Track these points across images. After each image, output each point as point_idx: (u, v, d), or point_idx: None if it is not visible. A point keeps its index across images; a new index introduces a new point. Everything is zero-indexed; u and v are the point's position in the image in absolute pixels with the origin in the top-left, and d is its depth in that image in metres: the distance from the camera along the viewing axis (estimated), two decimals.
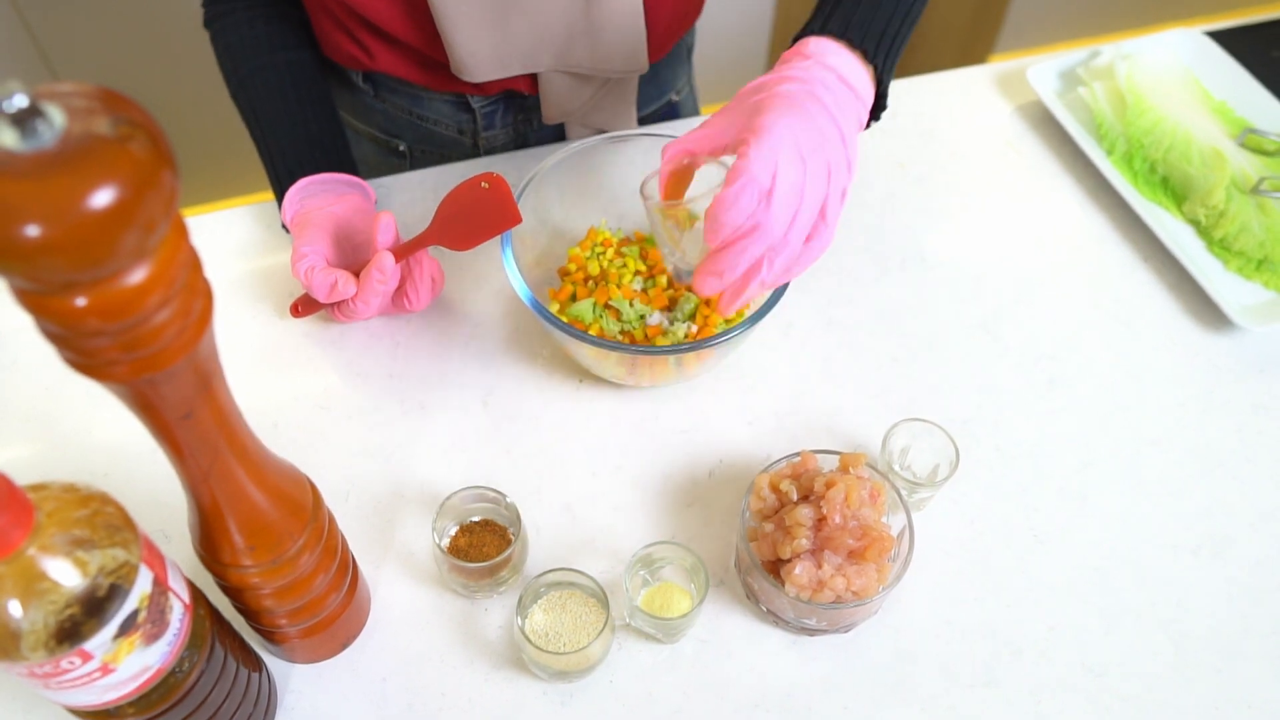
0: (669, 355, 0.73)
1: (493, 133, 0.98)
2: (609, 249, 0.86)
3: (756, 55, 2.19)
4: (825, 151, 0.61)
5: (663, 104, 1.06)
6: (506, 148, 1.00)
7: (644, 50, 0.88)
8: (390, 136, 1.01)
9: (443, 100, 0.95)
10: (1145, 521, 0.76)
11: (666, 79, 1.04)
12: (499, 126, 0.98)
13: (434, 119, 0.97)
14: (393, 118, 0.99)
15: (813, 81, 0.63)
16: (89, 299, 0.36)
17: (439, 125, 0.98)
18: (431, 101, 0.96)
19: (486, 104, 0.95)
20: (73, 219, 0.33)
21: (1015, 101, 1.06)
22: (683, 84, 1.08)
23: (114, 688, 0.50)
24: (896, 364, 0.84)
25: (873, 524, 0.66)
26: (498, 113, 0.96)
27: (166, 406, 0.45)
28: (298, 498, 0.57)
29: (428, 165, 1.02)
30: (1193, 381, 0.84)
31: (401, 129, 1.00)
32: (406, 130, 1.00)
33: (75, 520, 0.45)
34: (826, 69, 0.64)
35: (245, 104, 0.85)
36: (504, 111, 0.97)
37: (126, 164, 0.34)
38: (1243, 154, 0.96)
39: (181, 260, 0.39)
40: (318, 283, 0.76)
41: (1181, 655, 0.70)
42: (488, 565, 0.67)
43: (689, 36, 1.06)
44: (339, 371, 0.83)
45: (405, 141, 1.01)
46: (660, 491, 0.76)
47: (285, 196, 0.81)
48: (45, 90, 0.34)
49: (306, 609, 0.61)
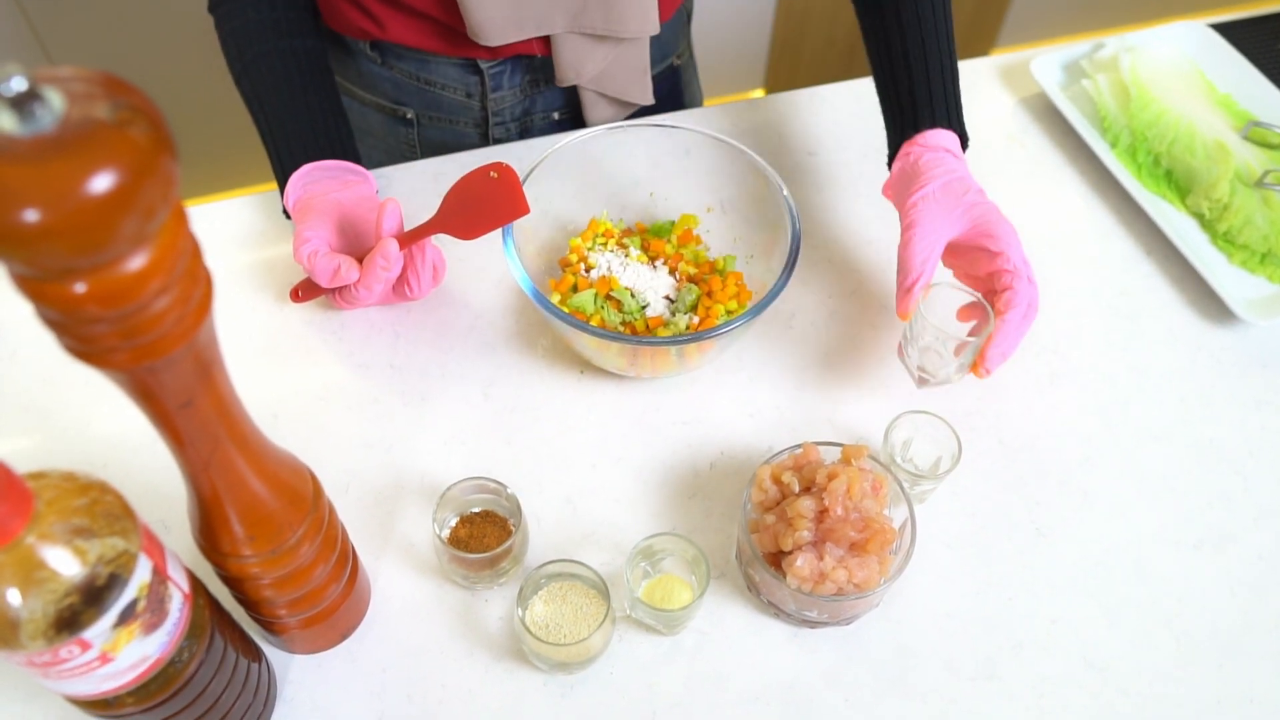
0: (670, 346, 0.73)
1: (500, 94, 0.98)
2: (610, 239, 0.86)
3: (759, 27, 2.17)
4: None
5: (665, 67, 1.07)
6: (514, 110, 1.01)
7: (655, 10, 0.89)
8: (397, 104, 1.01)
9: (451, 64, 0.96)
10: (1147, 516, 0.76)
11: (669, 41, 1.05)
12: (507, 88, 0.98)
13: (442, 83, 0.98)
14: (400, 85, 0.99)
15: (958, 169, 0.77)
16: (88, 285, 0.36)
17: (447, 90, 0.98)
18: (440, 66, 0.96)
19: (495, 66, 0.96)
20: (72, 204, 0.32)
21: (1019, 94, 1.06)
22: (683, 48, 1.10)
23: (113, 677, 0.49)
24: (899, 356, 0.84)
25: (875, 516, 0.66)
26: (505, 74, 0.97)
27: (166, 394, 0.44)
28: (298, 488, 0.57)
29: (435, 132, 1.02)
30: (1195, 376, 0.84)
31: (409, 96, 1.00)
32: (414, 97, 1.00)
33: (74, 509, 0.45)
34: (953, 156, 0.78)
35: (249, 89, 0.85)
36: (512, 73, 0.97)
37: (126, 149, 0.33)
38: (1247, 147, 0.95)
39: (181, 247, 0.39)
40: (320, 267, 0.75)
41: (1183, 650, 0.70)
42: (488, 556, 0.67)
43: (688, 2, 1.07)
44: (340, 362, 0.83)
45: (412, 109, 1.01)
46: (661, 483, 0.76)
47: (288, 182, 0.80)
48: (44, 74, 0.33)
49: (306, 599, 0.61)
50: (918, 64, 0.81)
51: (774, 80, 2.27)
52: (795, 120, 1.02)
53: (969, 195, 0.75)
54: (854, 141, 0.99)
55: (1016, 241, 0.74)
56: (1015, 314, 0.72)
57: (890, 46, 0.83)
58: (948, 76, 0.82)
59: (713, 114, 1.03)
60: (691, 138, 0.84)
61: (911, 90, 0.81)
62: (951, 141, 0.79)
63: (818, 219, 0.93)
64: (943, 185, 0.75)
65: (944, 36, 0.82)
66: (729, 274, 0.84)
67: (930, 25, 0.82)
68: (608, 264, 0.83)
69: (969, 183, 0.76)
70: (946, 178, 0.76)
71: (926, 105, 0.80)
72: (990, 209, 0.75)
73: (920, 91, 0.80)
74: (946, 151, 0.78)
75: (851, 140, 0.99)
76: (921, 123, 0.79)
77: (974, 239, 0.74)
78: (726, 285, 0.82)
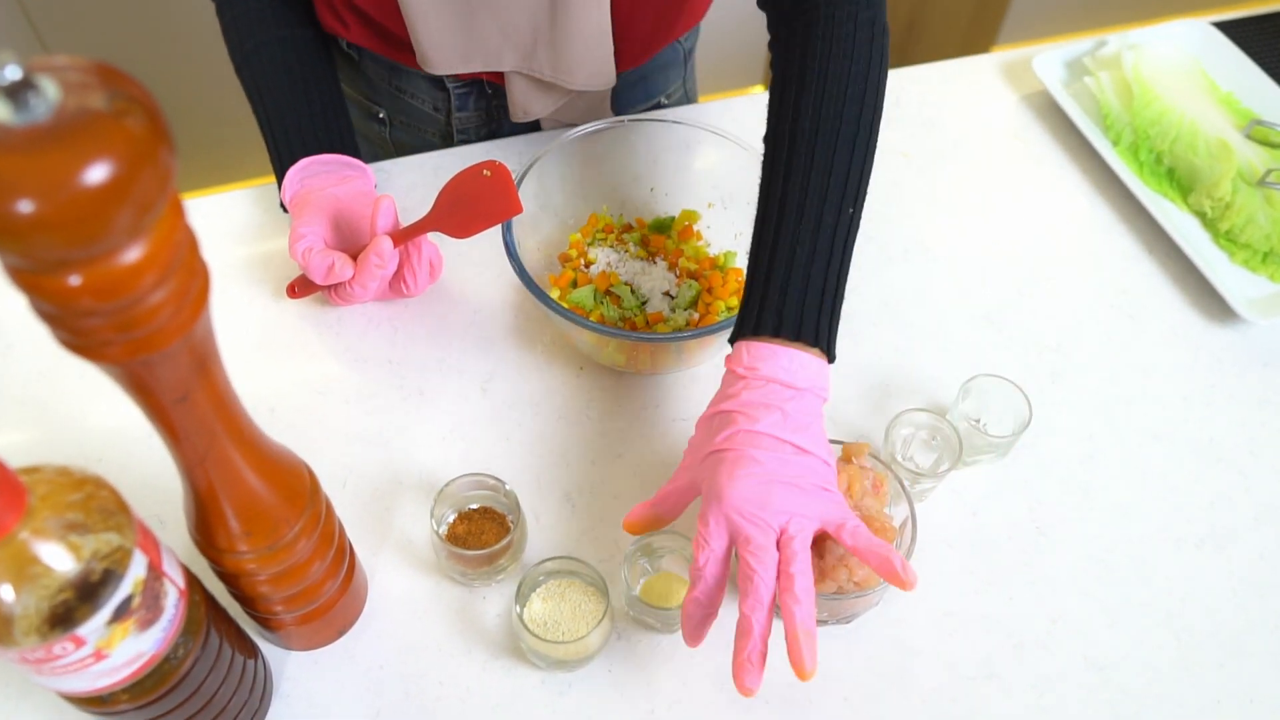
0: (670, 342, 0.73)
1: (465, 114, 0.97)
2: (610, 235, 0.85)
3: (760, 22, 2.17)
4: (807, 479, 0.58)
5: (650, 106, 1.04)
6: (479, 130, 1.00)
7: (611, 67, 0.86)
8: (371, 103, 1.01)
9: (420, 76, 0.95)
10: (1148, 515, 0.76)
11: (656, 83, 1.02)
12: (471, 109, 0.97)
13: (412, 92, 0.97)
14: (375, 85, 0.98)
15: (760, 413, 0.58)
16: (83, 278, 0.35)
17: (416, 99, 0.97)
18: (411, 76, 0.95)
19: (460, 87, 0.95)
20: (66, 195, 0.32)
21: (1021, 91, 1.05)
22: (675, 88, 1.06)
23: (107, 674, 0.49)
24: (899, 354, 0.84)
25: (875, 514, 0.65)
26: (471, 96, 0.96)
27: (162, 389, 0.44)
28: (294, 483, 0.57)
29: (405, 135, 1.01)
30: (1196, 374, 0.84)
31: (382, 97, 0.99)
32: (386, 99, 0.99)
33: (69, 504, 0.44)
34: (772, 384, 0.59)
35: (249, 79, 0.84)
36: (478, 96, 0.96)
37: (122, 139, 0.33)
38: (1249, 145, 0.95)
39: (178, 240, 0.39)
40: (315, 264, 0.75)
41: (1184, 649, 0.69)
42: (486, 553, 0.66)
43: (687, 40, 1.03)
44: (337, 357, 0.82)
45: (384, 109, 1.00)
46: (661, 480, 0.76)
47: (285, 176, 0.80)
48: (39, 63, 0.33)
49: (303, 596, 0.61)
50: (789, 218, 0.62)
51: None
52: None
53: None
54: None
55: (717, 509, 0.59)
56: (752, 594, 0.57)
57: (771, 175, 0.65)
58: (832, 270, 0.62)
59: (714, 109, 1.02)
60: (692, 133, 0.83)
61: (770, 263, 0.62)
62: (796, 366, 0.60)
63: None
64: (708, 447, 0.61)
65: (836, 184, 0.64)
66: (729, 270, 0.83)
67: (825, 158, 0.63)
68: (607, 259, 0.82)
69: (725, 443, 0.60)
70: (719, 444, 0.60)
71: (770, 298, 0.61)
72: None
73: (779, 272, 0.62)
74: (741, 380, 0.60)
75: None
76: (756, 324, 0.61)
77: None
78: (727, 281, 0.82)
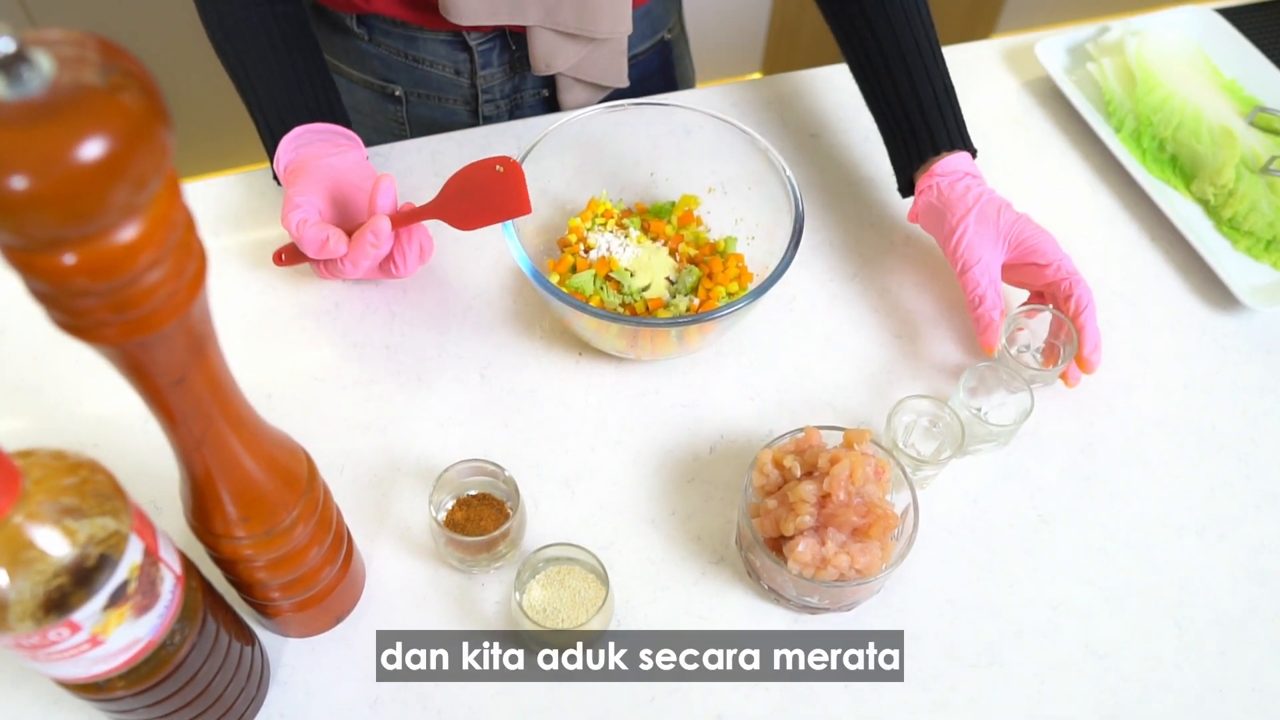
0: (670, 328, 0.72)
1: (490, 71, 0.97)
2: (610, 220, 0.85)
3: (757, 8, 2.16)
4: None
5: (655, 41, 1.05)
6: (503, 88, 0.99)
7: (628, 12, 0.88)
8: (386, 82, 0.99)
9: (439, 40, 0.94)
10: (1149, 502, 0.75)
11: (659, 16, 1.03)
12: (496, 65, 0.97)
13: (430, 60, 0.96)
14: (388, 62, 0.97)
15: (983, 191, 0.80)
16: (78, 256, 0.35)
17: (435, 67, 0.96)
18: (428, 42, 0.94)
19: (484, 41, 0.94)
20: (60, 171, 0.31)
21: (1023, 77, 1.05)
22: (674, 22, 1.08)
23: (103, 660, 0.48)
24: (900, 340, 0.83)
25: (877, 501, 0.65)
26: (495, 50, 0.95)
27: (158, 371, 0.43)
28: (292, 468, 0.56)
29: (424, 110, 1.00)
30: (1199, 362, 0.83)
31: (397, 73, 0.98)
32: (402, 74, 0.98)
33: (63, 488, 0.44)
34: (972, 176, 0.81)
35: (232, 56, 0.82)
36: (501, 49, 0.95)
37: (117, 115, 0.32)
38: (1253, 133, 0.94)
39: (174, 219, 0.38)
40: (309, 236, 0.73)
41: (1185, 637, 0.69)
42: (485, 539, 0.66)
43: None
44: (335, 343, 0.81)
45: (401, 86, 0.99)
46: (660, 466, 0.75)
47: (278, 146, 0.78)
48: (33, 36, 0.32)
49: (300, 582, 0.60)
50: (903, 78, 0.82)
51: (771, 63, 2.25)
52: (798, 102, 1.01)
53: (1004, 217, 0.78)
54: (857, 124, 0.98)
55: (1058, 247, 0.78)
56: (1088, 314, 0.76)
57: (872, 60, 0.83)
58: (939, 88, 0.82)
59: (714, 94, 1.01)
60: (693, 117, 0.83)
61: (907, 115, 0.82)
62: (967, 163, 0.81)
63: (819, 201, 0.92)
64: (978, 215, 0.78)
65: (925, 41, 0.82)
66: (730, 256, 0.83)
67: (906, 30, 0.82)
68: (607, 245, 0.82)
69: (998, 201, 0.79)
70: (979, 206, 0.78)
71: (926, 131, 0.81)
72: (1025, 223, 0.78)
73: (917, 116, 0.82)
74: (967, 174, 0.80)
75: (855, 123, 0.98)
76: (929, 150, 0.81)
77: (1022, 258, 0.78)
78: (727, 267, 0.81)
